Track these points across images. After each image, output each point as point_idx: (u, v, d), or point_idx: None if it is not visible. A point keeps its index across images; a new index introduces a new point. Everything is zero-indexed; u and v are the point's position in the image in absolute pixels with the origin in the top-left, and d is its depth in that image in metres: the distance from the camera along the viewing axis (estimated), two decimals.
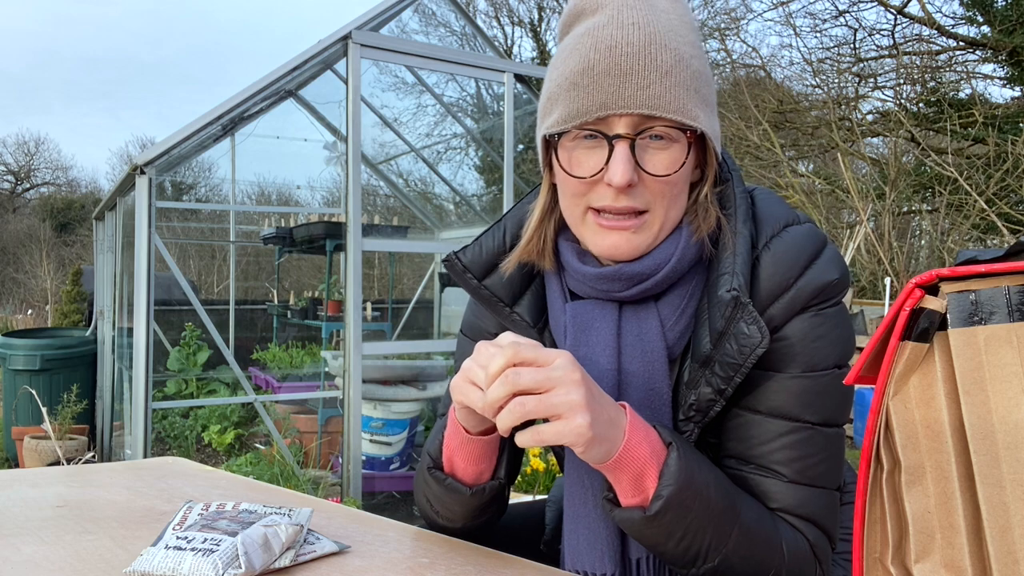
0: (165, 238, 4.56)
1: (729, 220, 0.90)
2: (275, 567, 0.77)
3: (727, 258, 0.87)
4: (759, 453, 0.87)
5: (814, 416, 0.86)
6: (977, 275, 0.53)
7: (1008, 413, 0.52)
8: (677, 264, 0.88)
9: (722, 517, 0.81)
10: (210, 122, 3.44)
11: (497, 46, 5.42)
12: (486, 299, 0.99)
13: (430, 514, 0.98)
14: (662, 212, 0.87)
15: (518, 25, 16.03)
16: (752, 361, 0.84)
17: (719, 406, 0.88)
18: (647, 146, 0.85)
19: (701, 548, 0.81)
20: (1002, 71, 10.25)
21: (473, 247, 1.00)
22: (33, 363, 5.04)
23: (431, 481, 0.93)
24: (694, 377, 0.88)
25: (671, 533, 0.79)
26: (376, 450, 4.09)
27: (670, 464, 0.78)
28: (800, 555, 0.85)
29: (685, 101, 0.84)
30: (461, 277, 0.99)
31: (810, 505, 0.86)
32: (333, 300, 5.01)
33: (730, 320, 0.84)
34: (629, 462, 0.78)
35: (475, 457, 0.90)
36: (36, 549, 0.82)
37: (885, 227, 8.69)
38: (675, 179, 0.86)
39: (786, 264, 0.87)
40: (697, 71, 0.86)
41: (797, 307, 0.87)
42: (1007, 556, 0.51)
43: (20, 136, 30.95)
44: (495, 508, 0.96)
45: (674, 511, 0.78)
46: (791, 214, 0.92)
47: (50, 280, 13.06)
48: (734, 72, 12.39)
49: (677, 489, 0.78)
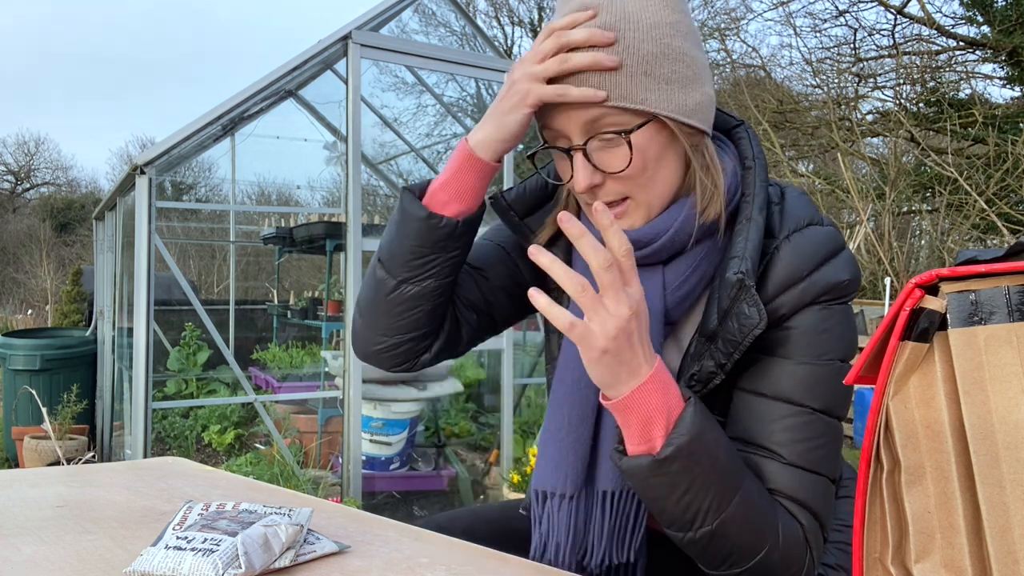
0: (165, 238, 4.56)
1: (746, 207, 0.93)
2: (275, 567, 0.77)
3: (739, 242, 0.91)
4: (760, 433, 0.90)
5: (816, 402, 0.89)
6: (977, 275, 0.53)
7: (1008, 413, 0.52)
8: (676, 234, 0.91)
9: (728, 479, 0.83)
10: (210, 122, 3.44)
11: (497, 46, 5.41)
12: (525, 236, 1.03)
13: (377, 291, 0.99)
14: (643, 197, 0.91)
15: (518, 25, 16.04)
16: (749, 341, 0.88)
17: (719, 379, 0.92)
18: (602, 148, 0.89)
19: (702, 507, 0.82)
20: (1002, 71, 10.25)
21: (518, 188, 1.05)
22: (33, 363, 5.03)
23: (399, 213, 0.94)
24: (699, 350, 0.93)
25: (675, 484, 0.81)
26: (376, 450, 4.09)
27: (686, 416, 0.81)
28: (793, 539, 0.86)
29: (629, 88, 0.86)
30: (505, 214, 1.04)
31: (806, 490, 0.88)
32: (333, 300, 5.01)
33: (734, 300, 0.89)
34: (638, 406, 0.80)
35: (469, 191, 0.93)
36: (36, 549, 0.82)
37: (885, 227, 8.69)
38: (635, 169, 0.88)
39: (802, 257, 0.91)
40: (648, 54, 0.86)
41: (807, 299, 0.91)
42: (1007, 556, 0.51)
43: (20, 136, 30.92)
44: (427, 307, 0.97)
45: (683, 460, 0.80)
46: (817, 215, 0.96)
47: (50, 280, 13.06)
48: (734, 72, 12.39)
49: (689, 439, 0.80)
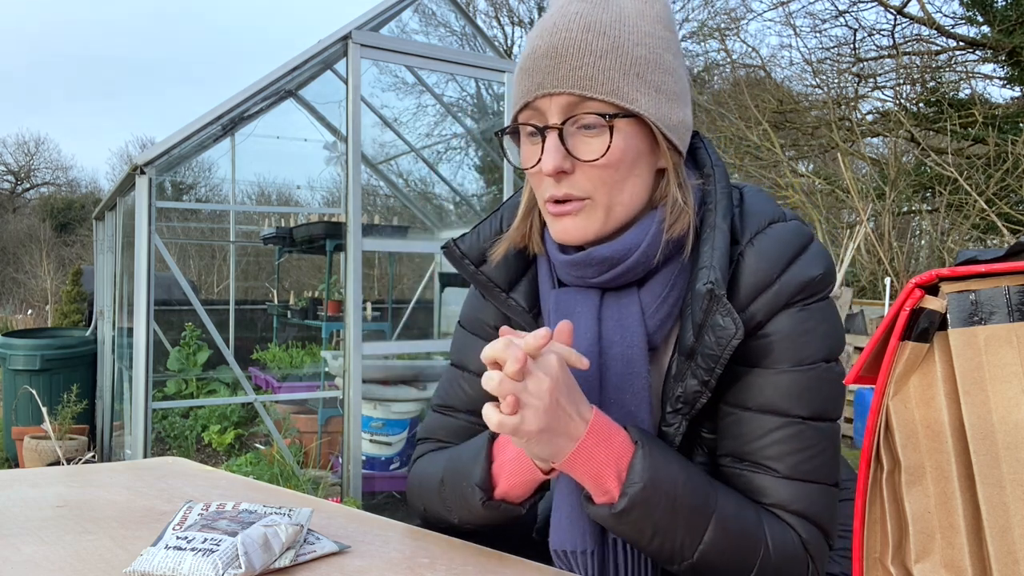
0: (165, 238, 4.55)
1: (709, 215, 0.90)
2: (275, 567, 0.77)
3: (706, 252, 0.88)
4: (752, 449, 0.88)
5: (805, 410, 0.87)
6: (977, 275, 0.53)
7: (1008, 413, 0.52)
8: (648, 249, 0.89)
9: (694, 513, 0.82)
10: (210, 122, 3.44)
11: (497, 46, 5.41)
12: (483, 284, 1.01)
13: (441, 514, 0.96)
14: (605, 198, 0.88)
15: (518, 25, 16.04)
16: (729, 353, 0.85)
17: (705, 398, 0.88)
18: (578, 133, 0.87)
19: (675, 545, 0.82)
20: (1002, 71, 10.24)
21: (471, 235, 1.03)
22: (33, 363, 5.04)
23: (483, 510, 0.90)
24: (680, 370, 0.89)
25: (641, 530, 0.81)
26: (376, 450, 4.09)
27: (635, 463, 0.81)
28: (788, 550, 0.85)
29: (620, 84, 0.85)
30: (459, 263, 1.02)
31: (803, 500, 0.86)
32: (333, 300, 5.01)
33: (707, 312, 0.86)
34: (583, 464, 0.80)
35: (529, 486, 0.89)
36: (36, 549, 0.82)
37: (885, 227, 8.68)
38: (610, 163, 0.87)
39: (769, 260, 0.88)
40: (642, 58, 0.87)
41: (781, 303, 0.87)
42: (1007, 556, 0.51)
43: (20, 136, 30.89)
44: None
45: (639, 509, 0.80)
46: (777, 211, 0.93)
47: (50, 280, 13.05)
48: (734, 72, 12.38)
49: (641, 487, 0.80)
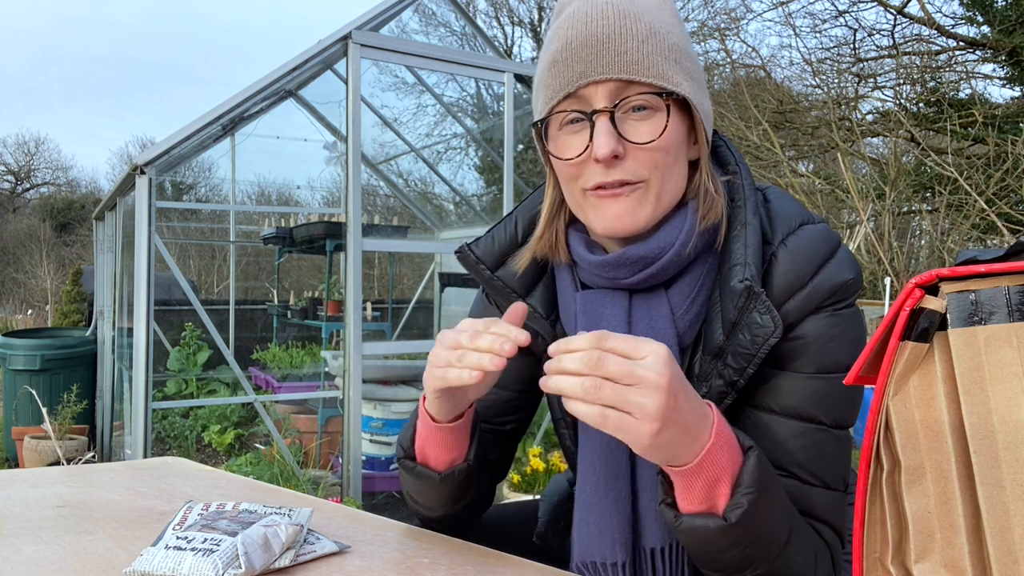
0: (165, 238, 4.55)
1: (738, 212, 0.89)
2: (275, 567, 0.77)
3: (738, 249, 0.86)
4: (776, 455, 0.85)
5: (828, 418, 0.86)
6: (977, 275, 0.53)
7: (1008, 413, 0.52)
8: (682, 247, 0.87)
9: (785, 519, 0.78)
10: (210, 122, 3.44)
11: (497, 46, 5.41)
12: (499, 290, 0.99)
13: (412, 505, 0.99)
14: (658, 182, 0.86)
15: (518, 25, 16.03)
16: (765, 351, 0.83)
17: (730, 399, 0.86)
18: (628, 117, 0.85)
19: (758, 555, 0.76)
20: (1002, 71, 10.23)
21: (486, 239, 1.00)
22: (33, 363, 5.03)
23: (404, 472, 0.95)
24: (705, 370, 0.87)
25: (740, 540, 0.75)
26: (376, 450, 4.09)
27: (750, 469, 0.74)
28: (825, 557, 0.85)
29: (664, 67, 0.84)
30: (474, 268, 0.99)
31: (825, 507, 0.86)
32: (333, 300, 5.01)
33: (743, 310, 0.83)
34: (707, 468, 0.73)
35: (447, 445, 0.90)
36: (36, 549, 0.82)
37: (885, 227, 8.68)
38: (662, 145, 0.85)
39: (802, 261, 0.86)
40: (676, 45, 0.86)
41: (812, 305, 0.86)
42: (1007, 556, 0.51)
43: (20, 136, 30.96)
44: (473, 494, 0.96)
45: (750, 519, 0.74)
46: (806, 213, 0.91)
47: (50, 280, 13.05)
48: (734, 72, 12.37)
49: (758, 496, 0.74)
